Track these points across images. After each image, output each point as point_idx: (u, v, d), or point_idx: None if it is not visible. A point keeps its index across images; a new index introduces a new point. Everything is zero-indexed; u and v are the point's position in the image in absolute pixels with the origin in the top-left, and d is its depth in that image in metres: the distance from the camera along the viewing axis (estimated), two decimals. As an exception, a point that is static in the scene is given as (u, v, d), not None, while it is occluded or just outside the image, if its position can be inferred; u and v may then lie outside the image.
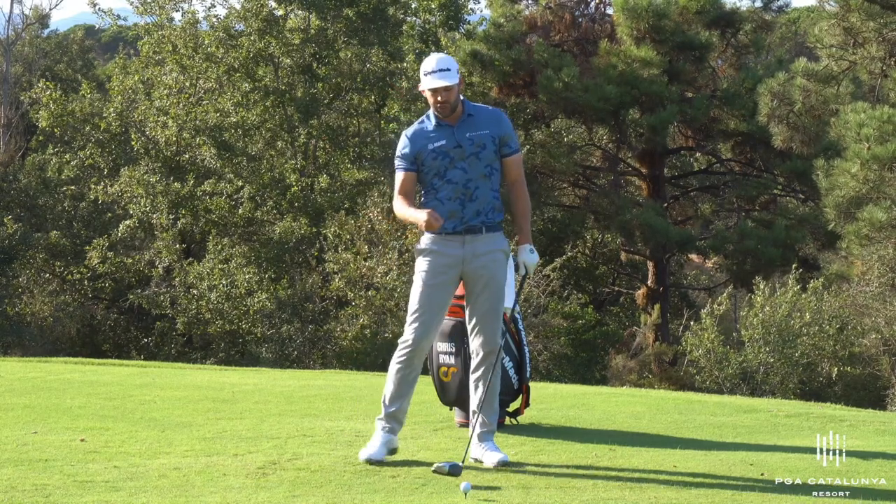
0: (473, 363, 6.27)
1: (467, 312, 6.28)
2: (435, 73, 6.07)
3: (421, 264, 6.22)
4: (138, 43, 28.81)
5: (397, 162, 6.22)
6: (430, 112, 6.22)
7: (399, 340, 6.23)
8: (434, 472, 5.62)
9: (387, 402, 6.25)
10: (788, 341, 17.22)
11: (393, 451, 6.18)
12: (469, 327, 6.28)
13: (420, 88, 6.22)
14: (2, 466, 5.67)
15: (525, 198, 6.29)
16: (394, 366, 6.24)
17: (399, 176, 6.20)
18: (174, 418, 7.48)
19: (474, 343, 6.25)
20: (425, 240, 6.23)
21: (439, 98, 6.08)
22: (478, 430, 6.18)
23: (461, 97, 6.18)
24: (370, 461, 6.00)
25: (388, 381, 6.27)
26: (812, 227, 22.61)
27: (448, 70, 6.07)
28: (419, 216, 6.01)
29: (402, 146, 6.20)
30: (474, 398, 6.27)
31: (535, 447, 6.65)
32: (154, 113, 26.46)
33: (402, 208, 6.18)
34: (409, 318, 6.20)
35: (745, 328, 17.56)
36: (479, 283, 6.17)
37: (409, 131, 6.24)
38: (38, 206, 27.99)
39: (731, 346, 17.98)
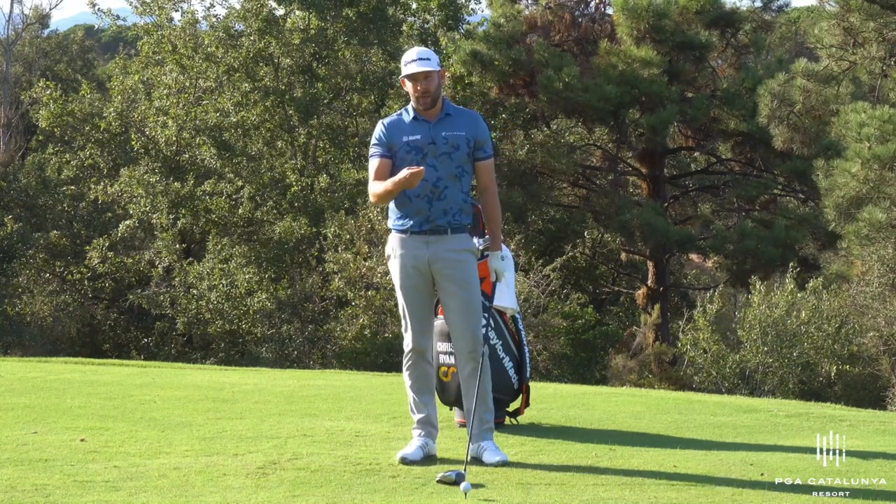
0: (459, 363, 6.27)
1: (444, 313, 6.29)
2: (415, 61, 6.06)
3: (392, 268, 6.26)
4: (138, 43, 28.80)
5: (372, 149, 6.17)
6: (410, 106, 6.19)
7: (403, 344, 6.30)
8: (439, 481, 5.58)
9: (414, 411, 6.34)
10: (786, 341, 17.20)
11: (430, 457, 6.20)
12: (449, 327, 6.29)
13: (400, 78, 6.18)
14: (2, 466, 5.67)
15: (496, 204, 6.27)
16: (405, 375, 6.34)
17: (374, 162, 6.14)
18: (174, 418, 7.48)
19: (455, 343, 6.26)
20: (392, 242, 6.25)
21: (419, 87, 6.05)
22: (475, 429, 6.19)
23: (443, 96, 6.16)
24: (404, 460, 6.03)
25: (407, 392, 6.37)
26: (812, 227, 22.63)
27: (428, 59, 6.07)
28: (398, 177, 5.92)
29: (378, 133, 6.17)
30: (467, 399, 6.28)
31: (535, 447, 6.65)
32: (154, 113, 26.44)
33: (377, 186, 6.08)
34: (402, 320, 6.27)
35: (742, 329, 17.54)
36: (450, 284, 6.15)
37: (385, 120, 6.21)
38: (38, 206, 27.98)
39: (729, 346, 17.96)
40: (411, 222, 6.12)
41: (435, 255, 6.11)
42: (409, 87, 6.12)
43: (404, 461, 6.02)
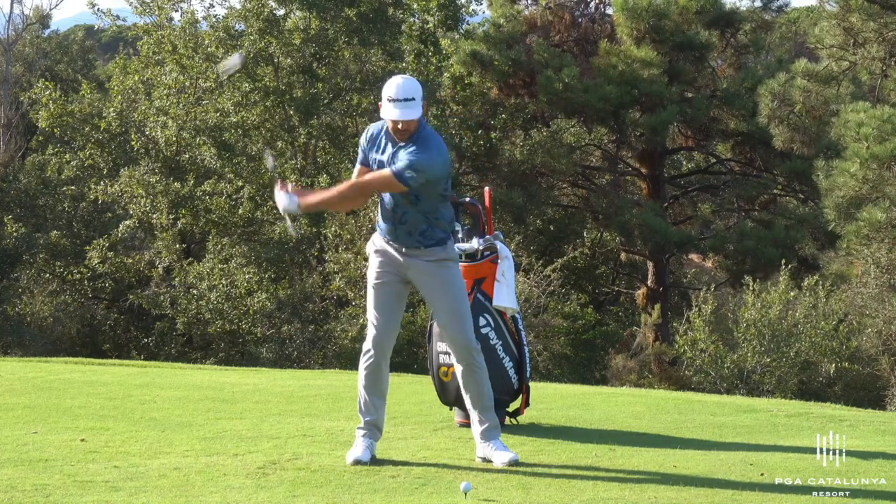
0: (455, 366, 6.29)
1: (434, 319, 6.31)
2: (399, 101, 5.93)
3: (370, 265, 6.28)
4: (138, 43, 28.79)
5: (359, 151, 6.25)
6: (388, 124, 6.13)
7: (363, 345, 6.25)
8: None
9: (363, 411, 6.26)
10: (783, 340, 17.18)
11: (373, 457, 6.15)
12: (440, 333, 6.31)
13: (381, 114, 6.03)
14: (2, 466, 5.67)
15: (342, 193, 6.11)
16: (361, 374, 6.26)
17: (356, 167, 6.25)
18: (174, 418, 7.49)
19: (449, 347, 6.28)
20: (374, 239, 6.29)
21: (399, 126, 5.97)
22: (479, 428, 6.19)
23: (421, 121, 6.03)
24: (358, 462, 6.01)
25: (359, 391, 6.28)
26: (812, 227, 22.63)
27: (412, 100, 5.93)
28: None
29: (361, 140, 6.22)
30: (465, 400, 6.29)
31: (535, 447, 6.65)
32: (154, 113, 26.44)
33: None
34: (368, 323, 6.25)
35: (738, 329, 17.51)
36: (433, 291, 6.16)
37: (370, 128, 6.21)
38: (38, 206, 27.97)
39: (728, 346, 17.94)
40: (389, 237, 6.18)
41: (410, 262, 6.13)
42: (388, 122, 6.02)
43: (358, 463, 5.99)
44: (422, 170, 5.90)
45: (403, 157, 5.93)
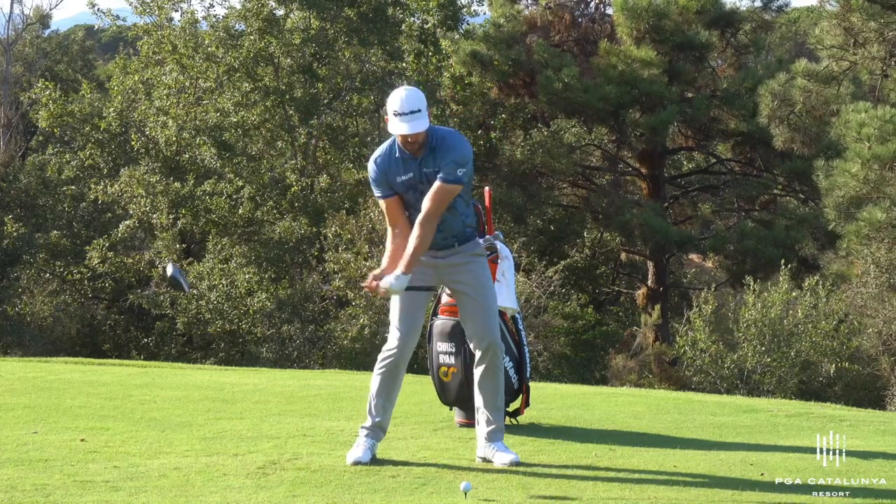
0: (476, 363, 6.26)
1: (460, 316, 6.28)
2: (405, 115, 5.88)
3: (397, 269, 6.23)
4: (138, 43, 28.79)
5: (375, 190, 6.13)
6: (397, 141, 6.07)
7: (384, 347, 6.22)
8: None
9: (373, 411, 6.24)
10: (783, 340, 17.19)
11: (374, 456, 6.15)
12: (465, 329, 6.28)
13: (389, 129, 5.98)
14: (2, 466, 5.67)
15: (422, 237, 5.95)
16: (378, 373, 6.22)
17: (382, 204, 6.15)
18: (174, 418, 7.49)
19: (472, 343, 6.26)
20: None
21: (409, 139, 5.95)
22: (485, 429, 6.18)
23: (429, 126, 6.00)
24: (358, 462, 6.00)
25: (373, 390, 6.24)
26: (812, 227, 22.64)
27: (419, 111, 5.89)
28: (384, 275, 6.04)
29: (373, 174, 6.11)
30: (477, 398, 6.26)
31: (535, 447, 6.65)
32: (154, 113, 26.43)
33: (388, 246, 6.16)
34: (391, 326, 6.21)
35: (739, 329, 17.51)
36: (468, 287, 6.16)
37: (377, 158, 6.11)
38: (38, 206, 27.98)
39: (728, 346, 17.93)
40: None
41: (445, 262, 6.14)
42: (397, 136, 5.99)
43: (358, 463, 5.97)
44: (464, 161, 5.97)
45: (444, 164, 5.93)
